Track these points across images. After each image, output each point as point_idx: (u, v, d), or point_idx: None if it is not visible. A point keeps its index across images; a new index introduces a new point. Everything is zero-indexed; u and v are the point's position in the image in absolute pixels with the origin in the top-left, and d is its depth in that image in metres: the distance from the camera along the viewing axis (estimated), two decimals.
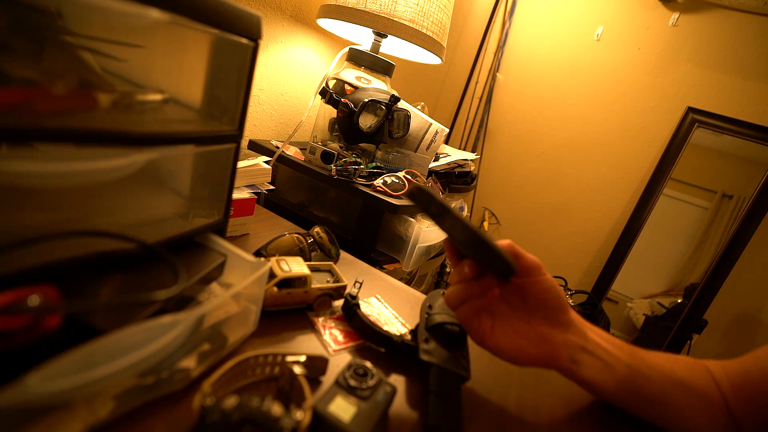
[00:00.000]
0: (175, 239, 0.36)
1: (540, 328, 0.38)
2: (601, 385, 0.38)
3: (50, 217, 0.30)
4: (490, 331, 0.37)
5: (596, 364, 0.38)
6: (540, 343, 0.37)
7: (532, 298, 0.37)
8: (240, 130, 0.39)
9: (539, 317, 0.38)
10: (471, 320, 0.37)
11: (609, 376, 0.38)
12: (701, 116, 1.44)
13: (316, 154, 0.78)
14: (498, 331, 0.37)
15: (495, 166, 1.83)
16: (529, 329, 0.38)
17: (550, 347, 0.37)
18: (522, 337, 0.37)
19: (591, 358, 0.38)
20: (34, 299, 0.24)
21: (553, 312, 0.38)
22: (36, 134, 0.24)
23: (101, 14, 0.26)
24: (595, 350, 0.38)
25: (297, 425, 0.25)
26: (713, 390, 0.39)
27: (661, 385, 0.38)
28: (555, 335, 0.37)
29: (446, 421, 0.33)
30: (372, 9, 0.78)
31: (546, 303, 0.37)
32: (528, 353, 0.37)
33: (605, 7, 1.56)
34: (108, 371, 0.23)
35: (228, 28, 0.33)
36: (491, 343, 0.37)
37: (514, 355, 0.37)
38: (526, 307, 0.38)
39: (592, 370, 0.38)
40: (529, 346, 0.37)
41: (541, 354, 0.37)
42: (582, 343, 0.38)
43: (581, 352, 0.38)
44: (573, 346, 0.38)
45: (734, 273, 1.40)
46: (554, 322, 0.38)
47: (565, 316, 0.38)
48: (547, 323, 0.38)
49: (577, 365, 0.38)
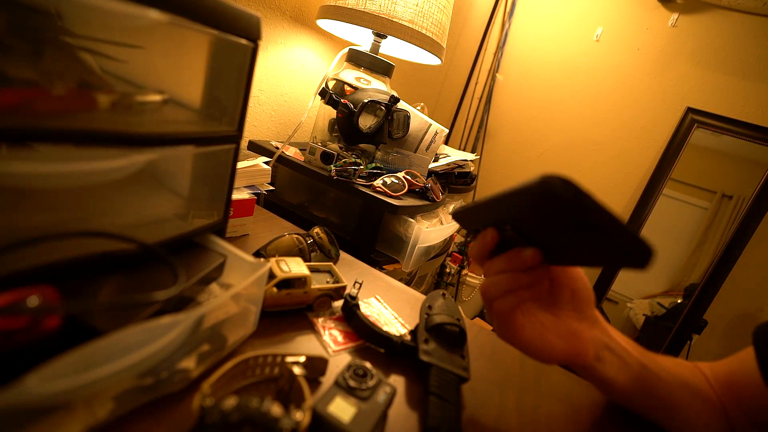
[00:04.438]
0: (175, 240, 0.36)
1: (569, 322, 0.36)
2: (619, 383, 0.37)
3: (50, 217, 0.30)
4: (521, 327, 0.34)
5: (617, 362, 0.37)
6: (570, 338, 0.35)
7: (563, 287, 0.35)
8: (239, 130, 0.39)
9: (569, 310, 0.36)
10: (511, 314, 0.33)
11: (626, 375, 0.37)
12: (701, 116, 1.44)
13: (315, 155, 0.78)
14: (528, 326, 0.34)
15: (495, 166, 1.83)
16: (558, 323, 0.35)
17: (579, 343, 0.35)
18: (552, 332, 0.35)
19: (613, 356, 0.37)
20: (33, 300, 0.24)
21: (582, 304, 0.36)
22: (35, 135, 0.24)
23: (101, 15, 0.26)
24: (616, 348, 0.37)
25: (296, 426, 0.25)
26: (710, 391, 0.39)
27: (669, 386, 0.38)
28: (584, 330, 0.36)
29: (446, 422, 0.33)
30: (371, 10, 0.78)
31: (576, 293, 0.36)
32: (558, 349, 0.34)
33: (605, 8, 1.56)
34: (107, 372, 0.23)
35: (227, 29, 0.33)
36: (521, 339, 0.34)
37: (543, 352, 0.34)
38: (555, 300, 0.36)
39: (613, 368, 0.37)
40: (560, 342, 0.35)
41: (570, 349, 0.35)
42: (606, 341, 0.37)
43: (605, 350, 0.37)
44: (599, 343, 0.37)
45: (734, 273, 1.40)
46: (583, 315, 0.36)
47: (591, 310, 0.37)
48: (576, 317, 0.36)
49: (601, 363, 0.37)
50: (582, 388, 0.46)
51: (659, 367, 0.39)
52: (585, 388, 0.46)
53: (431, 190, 0.85)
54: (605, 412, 0.43)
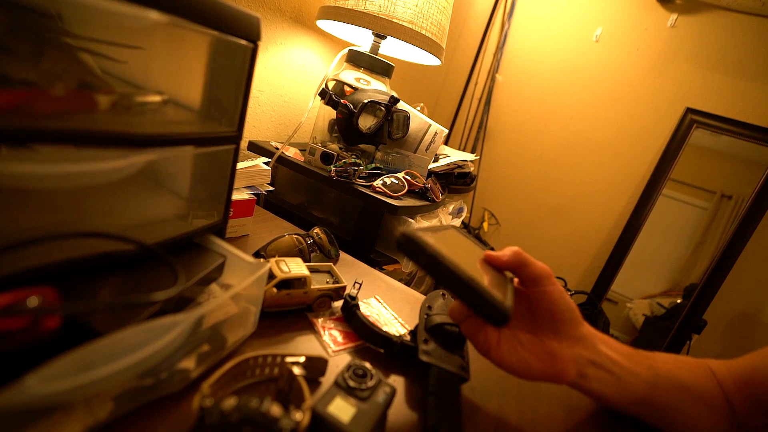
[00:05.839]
0: (175, 240, 0.36)
1: (548, 343, 0.36)
2: (611, 398, 0.37)
3: (49, 218, 0.30)
4: (496, 345, 0.35)
5: (605, 378, 0.37)
6: (547, 359, 0.35)
7: (539, 309, 0.36)
8: (239, 131, 0.39)
9: (547, 330, 0.36)
10: (476, 335, 0.35)
11: (615, 389, 0.37)
12: (700, 117, 1.44)
13: (315, 155, 0.78)
14: (504, 344, 0.35)
15: (494, 166, 1.83)
16: (536, 343, 0.36)
17: (557, 363, 0.35)
18: (528, 351, 0.35)
19: (599, 372, 0.37)
20: (33, 300, 0.24)
21: (562, 325, 0.36)
22: (35, 136, 0.24)
23: (101, 16, 0.26)
24: (605, 363, 0.37)
25: (296, 426, 0.25)
26: (716, 392, 0.39)
27: (669, 394, 0.38)
28: (563, 350, 0.36)
29: (446, 422, 0.33)
30: (371, 10, 0.78)
31: (553, 315, 0.36)
32: (534, 368, 0.35)
33: (604, 9, 1.57)
34: (107, 372, 0.23)
35: (227, 30, 0.33)
36: (497, 356, 0.35)
37: (520, 370, 0.35)
38: (535, 319, 0.37)
39: (600, 384, 0.37)
40: (536, 362, 0.35)
41: (547, 369, 0.35)
42: (591, 357, 0.37)
43: (589, 366, 0.36)
44: (581, 360, 0.36)
45: (733, 273, 1.40)
46: (563, 336, 0.36)
47: (575, 329, 0.37)
48: (555, 337, 0.36)
49: (585, 379, 0.37)
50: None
51: (654, 374, 0.38)
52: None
53: (431, 191, 0.85)
54: (605, 412, 0.43)
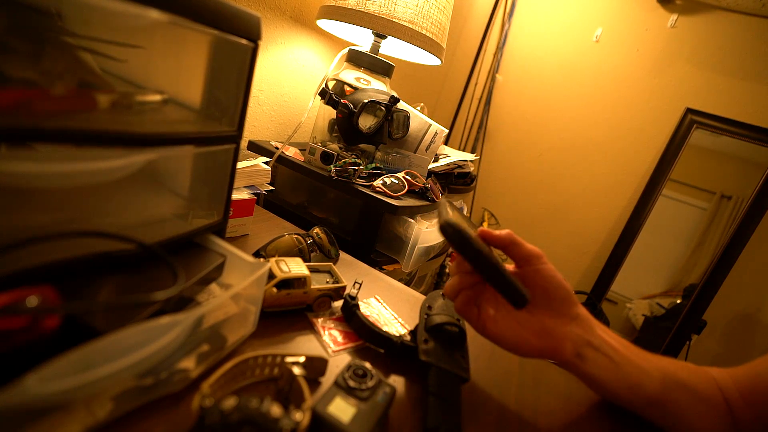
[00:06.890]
0: (175, 240, 0.36)
1: (544, 320, 0.37)
2: (606, 382, 0.38)
3: (49, 217, 0.30)
4: (492, 321, 0.37)
5: (604, 362, 0.38)
6: (544, 335, 0.37)
7: (533, 287, 0.37)
8: (239, 130, 0.39)
9: (543, 308, 0.37)
10: (468, 310, 0.38)
11: (612, 373, 0.38)
12: (700, 117, 1.44)
13: (315, 155, 0.78)
14: (501, 321, 0.37)
15: (494, 166, 1.83)
16: (532, 320, 0.37)
17: (554, 340, 0.37)
18: (525, 328, 0.37)
19: (598, 355, 0.38)
20: (32, 300, 0.24)
21: (557, 303, 0.37)
22: (35, 135, 0.24)
23: (101, 15, 0.26)
24: (601, 346, 0.38)
25: (296, 426, 0.25)
26: (716, 395, 0.39)
27: (663, 386, 0.38)
28: (559, 327, 0.37)
29: (446, 422, 0.33)
30: (371, 10, 0.78)
31: (548, 293, 0.37)
32: (532, 344, 0.37)
33: (604, 9, 1.57)
34: (107, 372, 0.23)
35: (227, 29, 0.33)
36: (493, 332, 0.37)
37: (517, 346, 0.37)
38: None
39: (599, 368, 0.37)
40: (533, 338, 0.37)
41: (545, 346, 0.37)
42: (588, 338, 0.38)
43: (587, 347, 0.37)
44: (578, 339, 0.37)
45: (733, 273, 1.40)
46: (558, 313, 0.37)
47: (570, 308, 0.38)
48: (551, 314, 0.37)
49: (582, 360, 0.37)
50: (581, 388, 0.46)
51: (654, 367, 0.38)
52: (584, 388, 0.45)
53: (431, 191, 0.85)
54: (605, 412, 0.43)
